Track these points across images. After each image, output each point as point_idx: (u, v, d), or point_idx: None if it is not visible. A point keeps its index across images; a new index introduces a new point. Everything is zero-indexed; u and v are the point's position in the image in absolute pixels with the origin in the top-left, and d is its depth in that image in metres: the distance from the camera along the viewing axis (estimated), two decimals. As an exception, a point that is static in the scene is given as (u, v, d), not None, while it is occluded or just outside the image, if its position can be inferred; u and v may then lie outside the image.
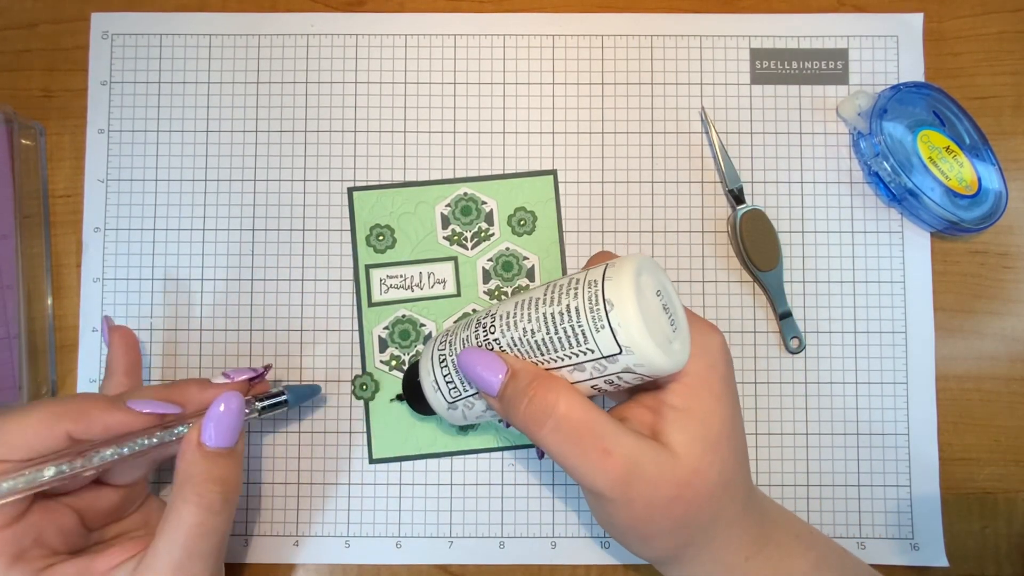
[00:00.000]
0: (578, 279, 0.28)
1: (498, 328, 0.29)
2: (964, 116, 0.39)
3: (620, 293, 0.26)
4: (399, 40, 0.41)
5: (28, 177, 0.39)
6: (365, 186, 0.40)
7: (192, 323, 0.39)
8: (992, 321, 0.39)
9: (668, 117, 0.40)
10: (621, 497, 0.27)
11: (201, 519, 0.29)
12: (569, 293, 0.27)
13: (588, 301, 0.26)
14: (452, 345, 0.31)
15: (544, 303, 0.28)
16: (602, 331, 0.26)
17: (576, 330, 0.26)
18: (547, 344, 0.27)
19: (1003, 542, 0.38)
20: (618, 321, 0.25)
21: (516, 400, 0.28)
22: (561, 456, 0.27)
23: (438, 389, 0.31)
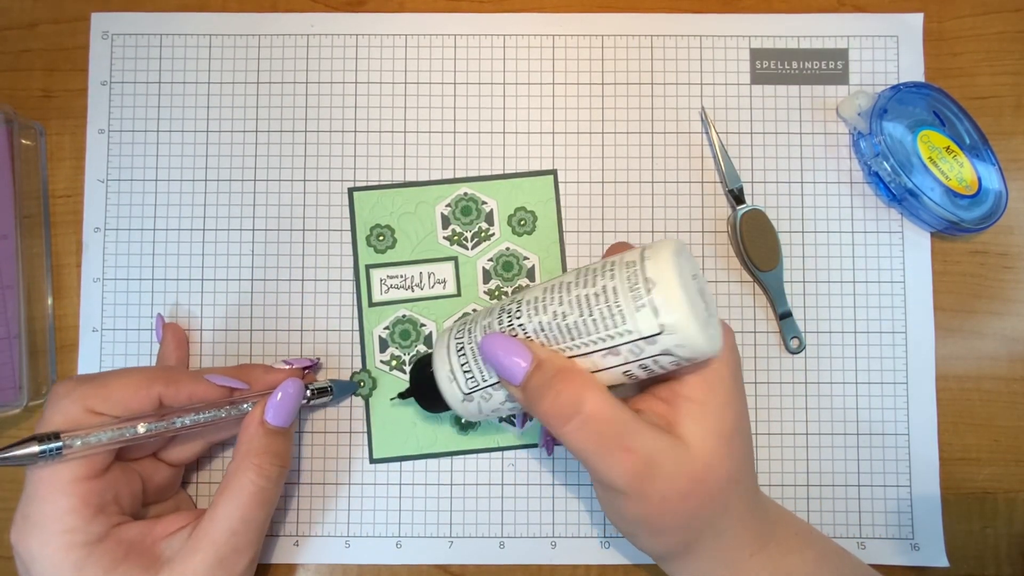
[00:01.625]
0: (613, 262, 0.27)
1: (524, 313, 0.28)
2: (964, 116, 0.39)
3: (661, 272, 0.25)
4: (399, 40, 0.41)
5: (28, 177, 0.39)
6: (365, 186, 0.40)
7: (192, 323, 0.39)
8: (992, 321, 0.39)
9: (668, 117, 0.40)
10: (637, 492, 0.27)
11: (261, 486, 0.31)
12: (605, 275, 0.26)
13: (627, 281, 0.26)
14: (472, 332, 0.30)
15: (576, 286, 0.27)
16: (642, 310, 0.25)
17: (613, 311, 0.26)
18: (579, 327, 0.27)
19: (1003, 542, 0.38)
20: (661, 299, 0.25)
21: (541, 392, 0.27)
22: (582, 452, 0.27)
23: (454, 379, 0.30)
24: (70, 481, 0.29)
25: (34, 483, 0.29)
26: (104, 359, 0.39)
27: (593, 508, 0.38)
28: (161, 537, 0.31)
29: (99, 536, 0.30)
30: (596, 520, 0.38)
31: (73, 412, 0.30)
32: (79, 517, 0.29)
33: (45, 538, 0.29)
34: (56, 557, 0.29)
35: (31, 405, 0.38)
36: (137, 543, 0.31)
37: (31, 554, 0.29)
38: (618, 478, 0.27)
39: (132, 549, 0.30)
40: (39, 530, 0.29)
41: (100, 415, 0.30)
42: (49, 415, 0.30)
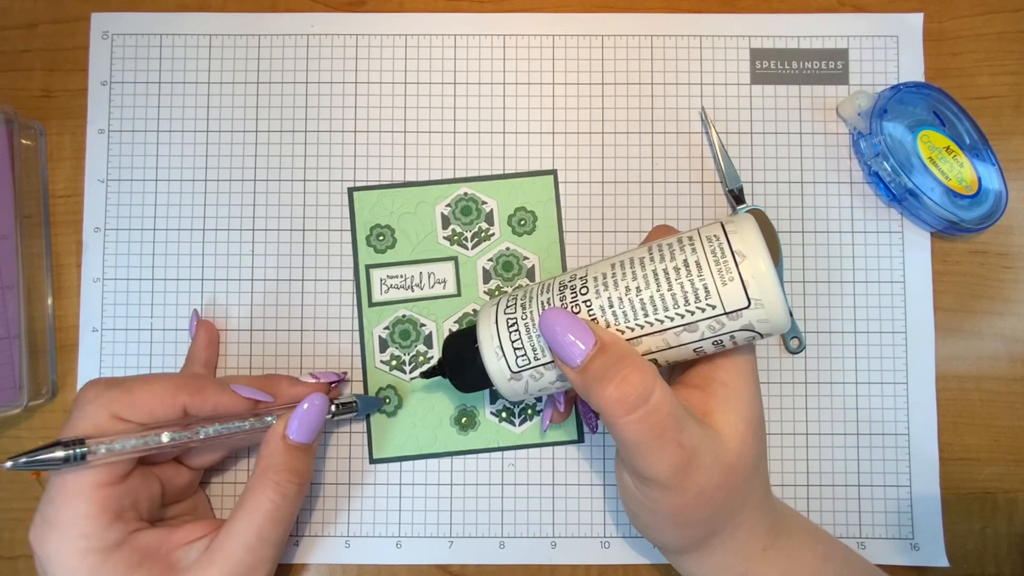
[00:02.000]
0: (689, 236, 0.26)
1: (592, 288, 0.27)
2: (964, 116, 0.39)
3: (750, 246, 0.25)
4: (399, 40, 0.41)
5: (28, 177, 0.39)
6: (365, 186, 0.40)
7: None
8: (992, 321, 0.39)
9: (668, 117, 0.40)
10: (677, 485, 0.27)
11: (277, 503, 0.31)
12: (684, 249, 0.26)
13: (712, 255, 0.25)
14: (526, 308, 0.29)
15: (652, 261, 0.26)
16: (730, 284, 0.25)
17: (696, 285, 0.25)
18: (655, 303, 0.26)
19: (1003, 542, 0.38)
20: (751, 273, 0.25)
21: (604, 377, 0.26)
22: (635, 444, 0.26)
23: (502, 355, 0.29)
24: (90, 486, 0.29)
25: (56, 486, 0.29)
26: (104, 359, 0.39)
27: (593, 508, 0.38)
28: (178, 546, 0.31)
29: (116, 542, 0.30)
30: (596, 520, 0.38)
31: (99, 418, 0.30)
32: (96, 523, 0.29)
33: (61, 542, 0.29)
34: (72, 561, 0.29)
35: (31, 405, 0.38)
36: (153, 551, 0.31)
37: (48, 556, 0.29)
38: (663, 472, 0.26)
39: (148, 556, 0.30)
40: (57, 533, 0.29)
41: (125, 421, 0.30)
42: (75, 419, 0.30)
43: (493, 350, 0.29)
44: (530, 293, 0.29)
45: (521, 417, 0.39)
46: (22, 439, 0.39)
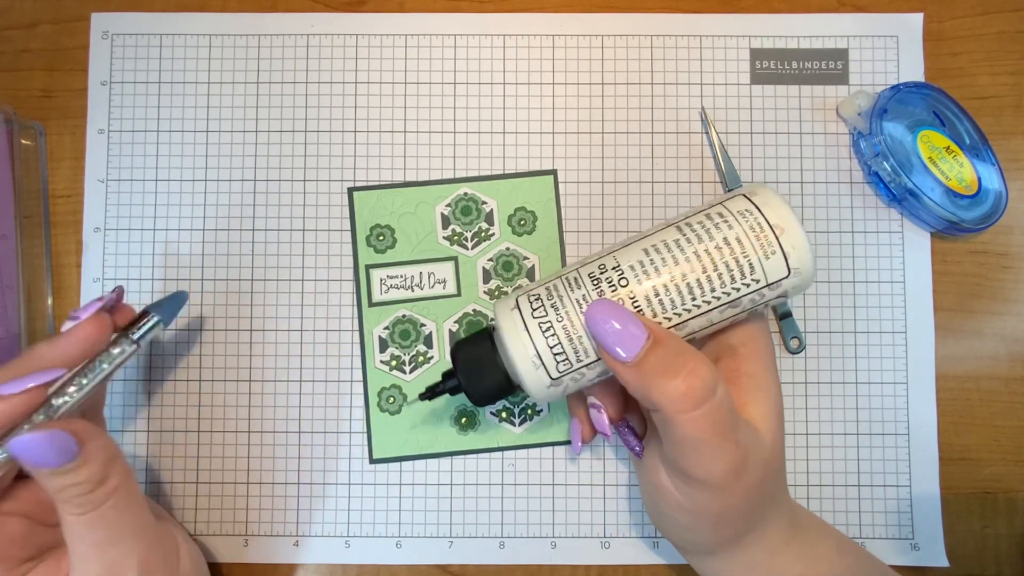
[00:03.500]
0: (718, 212, 0.26)
1: (632, 279, 0.26)
2: (964, 116, 0.39)
3: (784, 217, 0.25)
4: (399, 40, 0.41)
5: (28, 177, 0.39)
6: (365, 186, 0.40)
7: (192, 323, 0.39)
8: (992, 321, 0.39)
9: (668, 117, 0.40)
10: (729, 486, 0.26)
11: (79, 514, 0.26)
12: (720, 227, 0.26)
13: (752, 230, 0.25)
14: (559, 309, 0.27)
15: (690, 242, 0.26)
16: (773, 257, 0.25)
17: (741, 262, 0.25)
18: (703, 285, 0.25)
19: (1003, 542, 0.38)
20: (791, 244, 0.25)
21: (667, 370, 0.24)
22: (696, 442, 0.25)
23: (540, 364, 0.27)
24: None
25: None
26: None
27: (593, 508, 0.38)
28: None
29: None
30: (596, 520, 0.38)
31: None
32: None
33: None
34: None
35: (31, 405, 0.38)
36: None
37: None
38: (718, 473, 0.25)
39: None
40: None
41: None
42: None
43: (530, 360, 0.27)
44: (557, 291, 0.28)
45: (521, 417, 0.39)
46: (22, 439, 0.39)
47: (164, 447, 0.39)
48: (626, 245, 0.28)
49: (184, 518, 0.38)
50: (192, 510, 0.38)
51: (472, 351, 0.30)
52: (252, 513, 0.38)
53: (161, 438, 0.39)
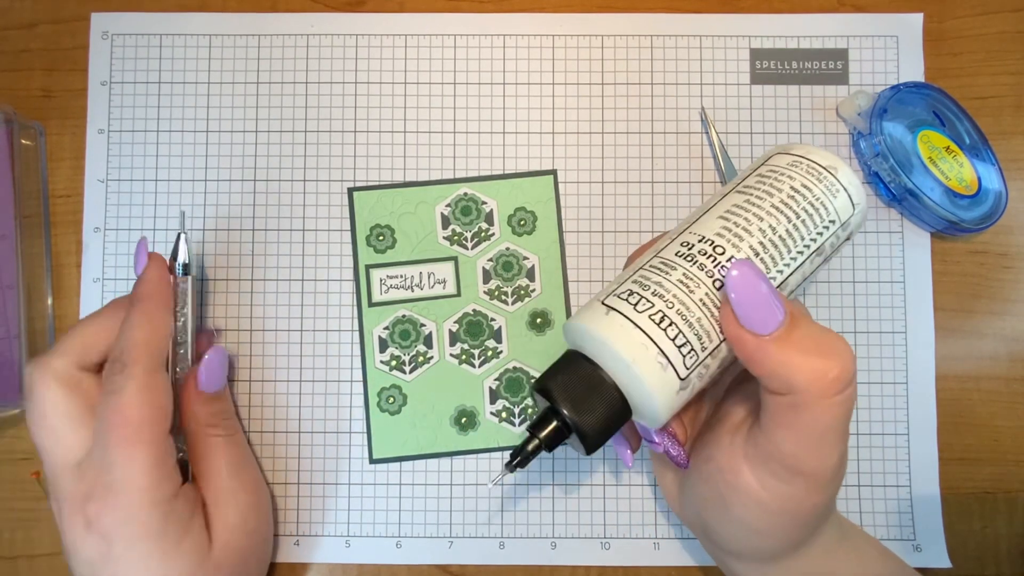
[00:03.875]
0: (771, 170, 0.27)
1: (727, 245, 0.24)
2: (964, 116, 0.39)
3: (831, 158, 0.26)
4: (399, 40, 0.41)
5: (28, 177, 0.39)
6: (365, 186, 0.40)
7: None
8: (992, 321, 0.39)
9: (668, 117, 0.40)
10: (833, 480, 0.25)
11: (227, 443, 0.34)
12: (782, 179, 0.26)
13: (810, 174, 0.26)
14: (664, 296, 0.24)
15: (762, 198, 0.26)
16: (839, 195, 0.26)
17: (816, 205, 0.26)
18: (792, 235, 0.25)
19: (1003, 542, 0.38)
20: (847, 180, 0.26)
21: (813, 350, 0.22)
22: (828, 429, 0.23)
23: (668, 363, 0.23)
24: (149, 436, 0.29)
25: (110, 446, 0.29)
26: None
27: (593, 508, 0.38)
28: None
29: (173, 491, 0.30)
30: (596, 520, 0.38)
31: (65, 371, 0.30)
32: (159, 473, 0.29)
33: (131, 502, 0.28)
34: (142, 519, 0.29)
35: (31, 405, 0.38)
36: (194, 497, 0.32)
37: (115, 523, 0.28)
38: (832, 463, 0.24)
39: (195, 504, 0.31)
40: (124, 496, 0.29)
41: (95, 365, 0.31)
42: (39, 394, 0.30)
43: (655, 360, 0.23)
44: (651, 280, 0.24)
45: (521, 417, 0.39)
46: (22, 439, 0.39)
47: (164, 447, 0.38)
48: (694, 221, 0.26)
49: (184, 518, 0.38)
50: (192, 510, 0.38)
51: (571, 377, 0.24)
52: (252, 513, 0.38)
53: (161, 438, 0.39)
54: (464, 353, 0.39)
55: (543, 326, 0.39)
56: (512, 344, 0.39)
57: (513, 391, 0.39)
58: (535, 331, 0.39)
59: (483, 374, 0.39)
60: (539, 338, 0.39)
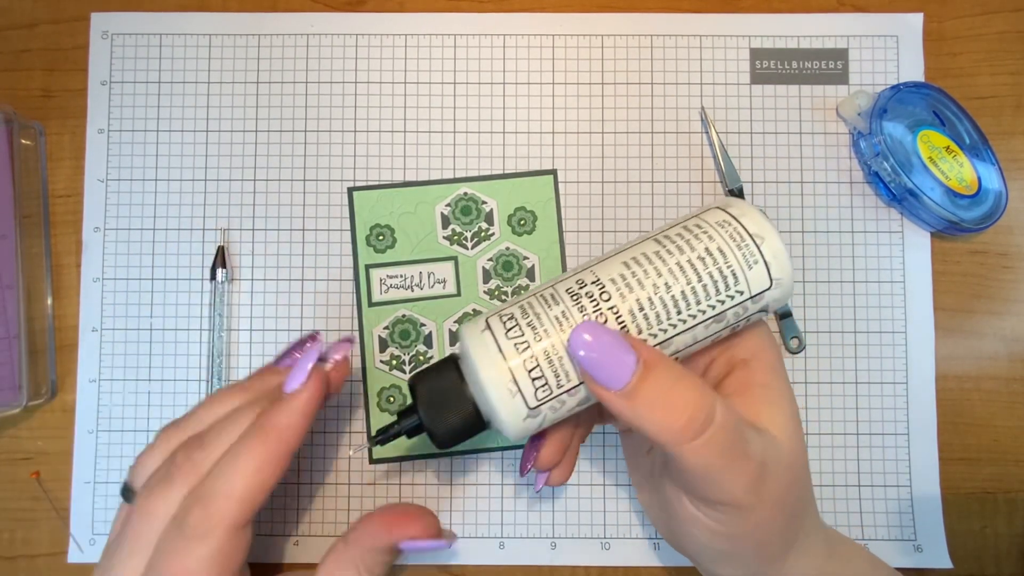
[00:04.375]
0: (696, 223, 0.26)
1: (614, 293, 0.24)
2: (964, 116, 0.39)
3: (763, 227, 0.25)
4: (399, 40, 0.41)
5: (28, 177, 0.39)
6: (365, 186, 0.40)
7: (192, 323, 0.39)
8: (992, 321, 0.39)
9: (668, 117, 0.40)
10: (755, 501, 0.25)
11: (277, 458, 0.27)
12: (701, 237, 0.25)
13: (732, 239, 0.25)
14: (536, 328, 0.24)
15: (671, 253, 0.25)
16: (755, 267, 0.25)
17: (725, 272, 0.24)
18: (688, 297, 0.24)
19: (1003, 542, 0.38)
20: (772, 253, 0.25)
21: (659, 402, 0.23)
22: (702, 469, 0.24)
23: (517, 392, 0.24)
24: None
25: None
26: (103, 359, 0.39)
27: (593, 508, 0.38)
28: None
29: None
30: (596, 521, 0.38)
31: None
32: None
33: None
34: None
35: (30, 405, 0.38)
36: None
37: None
38: (738, 491, 0.24)
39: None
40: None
41: None
42: None
43: (505, 386, 0.24)
44: (532, 310, 0.25)
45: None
46: (21, 439, 0.39)
47: (164, 447, 0.38)
48: (603, 260, 0.26)
49: (184, 518, 0.38)
50: (192, 510, 0.38)
51: (436, 382, 0.26)
52: (252, 513, 0.38)
53: (161, 438, 0.39)
54: (464, 353, 0.39)
55: (543, 326, 0.39)
56: (512, 344, 0.39)
57: (513, 391, 0.39)
58: (535, 331, 0.39)
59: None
60: (539, 338, 0.39)
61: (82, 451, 0.38)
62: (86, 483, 0.38)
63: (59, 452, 0.39)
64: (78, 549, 0.38)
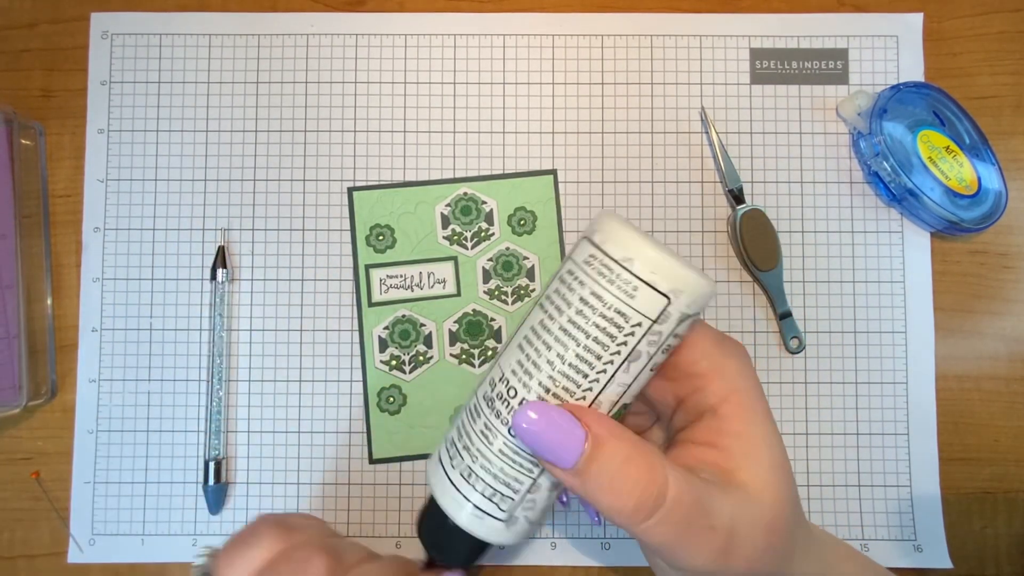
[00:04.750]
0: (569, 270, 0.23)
1: (519, 387, 0.23)
2: (964, 116, 0.39)
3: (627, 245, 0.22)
4: (399, 40, 0.40)
5: (28, 177, 0.39)
6: (365, 186, 0.40)
7: (192, 323, 0.39)
8: (992, 321, 0.39)
9: (668, 117, 0.40)
10: (723, 568, 0.23)
11: None
12: (573, 287, 0.23)
13: (601, 276, 0.22)
14: (471, 449, 0.24)
15: (553, 317, 0.23)
16: (637, 294, 0.22)
17: (608, 316, 0.22)
18: (587, 358, 0.22)
19: (1003, 542, 0.38)
20: (649, 270, 0.22)
21: (607, 485, 0.22)
22: (661, 546, 0.23)
23: (483, 514, 0.24)
24: None
25: None
26: (103, 359, 0.39)
27: (593, 508, 0.38)
28: None
29: None
30: (596, 520, 0.38)
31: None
32: None
33: None
34: None
35: (30, 405, 0.38)
36: None
37: None
38: (704, 562, 0.23)
39: None
40: None
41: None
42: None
43: (472, 515, 0.24)
44: (464, 429, 0.25)
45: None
46: (21, 439, 0.39)
47: (164, 447, 0.39)
48: (507, 345, 0.25)
49: (185, 518, 0.38)
50: (192, 510, 0.38)
51: (430, 527, 0.27)
52: (252, 513, 0.38)
53: (161, 438, 0.39)
54: (464, 353, 0.39)
55: (543, 326, 0.39)
56: (512, 344, 0.39)
57: (513, 391, 0.39)
58: (535, 331, 0.39)
59: (483, 374, 0.39)
60: (539, 338, 0.39)
61: (82, 451, 0.38)
62: (86, 483, 0.38)
63: (59, 452, 0.39)
64: (78, 549, 0.38)
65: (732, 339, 0.27)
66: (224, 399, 0.38)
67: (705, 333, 0.26)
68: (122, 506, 0.38)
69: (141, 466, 0.38)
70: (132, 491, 0.38)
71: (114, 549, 0.38)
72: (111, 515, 0.38)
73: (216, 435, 0.38)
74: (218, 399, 0.38)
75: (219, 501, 0.38)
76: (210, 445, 0.38)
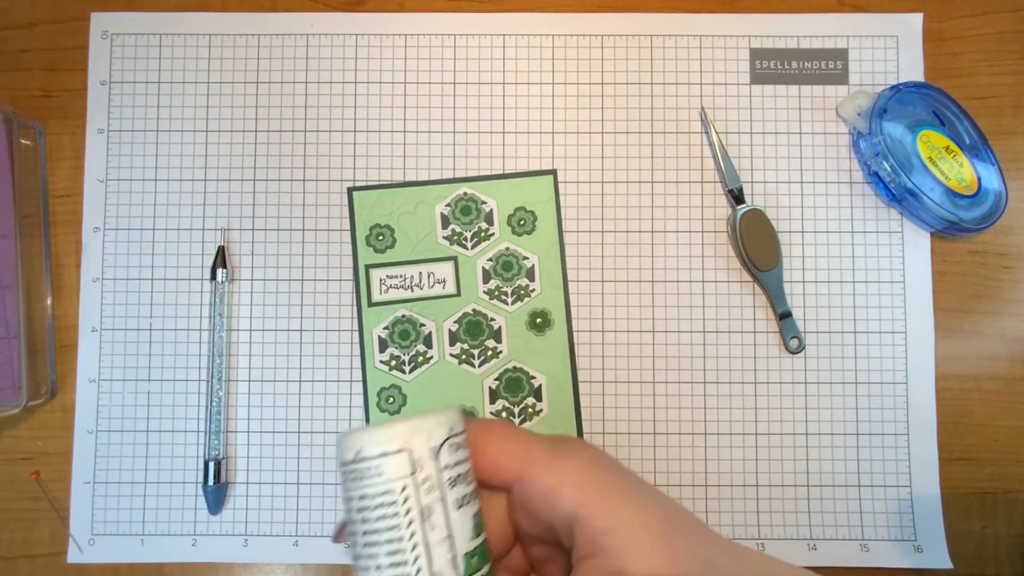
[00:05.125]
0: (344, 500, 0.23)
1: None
2: (964, 116, 0.39)
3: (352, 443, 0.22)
4: (399, 40, 0.41)
5: (28, 177, 0.39)
6: (365, 186, 0.40)
7: (192, 323, 0.39)
8: (992, 321, 0.39)
9: (668, 117, 0.40)
10: None
11: None
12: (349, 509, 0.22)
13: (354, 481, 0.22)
14: None
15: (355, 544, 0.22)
16: (382, 467, 0.22)
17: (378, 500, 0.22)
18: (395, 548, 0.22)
19: (1003, 542, 0.38)
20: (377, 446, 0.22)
21: None
22: None
23: None
24: None
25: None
26: (103, 359, 0.39)
27: (593, 508, 0.38)
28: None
29: None
30: (596, 520, 0.38)
31: None
32: None
33: None
34: None
35: (30, 405, 0.38)
36: None
37: None
38: None
39: None
40: None
41: None
42: None
43: None
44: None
45: (521, 417, 0.39)
46: (21, 439, 0.39)
47: (164, 447, 0.39)
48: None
49: (184, 518, 0.38)
50: (192, 510, 0.38)
51: None
52: (252, 513, 0.38)
53: (160, 438, 0.39)
54: (464, 353, 0.39)
55: (543, 326, 0.39)
56: (512, 344, 0.39)
57: (513, 391, 0.39)
58: (535, 331, 0.39)
59: (483, 374, 0.39)
60: (539, 338, 0.39)
61: (82, 451, 0.38)
62: (86, 483, 0.38)
63: (59, 452, 0.39)
64: (77, 549, 0.38)
65: (562, 437, 0.25)
66: (224, 399, 0.38)
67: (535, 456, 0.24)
68: (122, 506, 0.38)
69: (141, 466, 0.38)
70: (132, 491, 0.38)
71: (114, 549, 0.38)
72: (111, 515, 0.38)
73: (216, 435, 0.38)
74: (218, 399, 0.38)
75: (219, 501, 0.38)
76: (210, 445, 0.38)
